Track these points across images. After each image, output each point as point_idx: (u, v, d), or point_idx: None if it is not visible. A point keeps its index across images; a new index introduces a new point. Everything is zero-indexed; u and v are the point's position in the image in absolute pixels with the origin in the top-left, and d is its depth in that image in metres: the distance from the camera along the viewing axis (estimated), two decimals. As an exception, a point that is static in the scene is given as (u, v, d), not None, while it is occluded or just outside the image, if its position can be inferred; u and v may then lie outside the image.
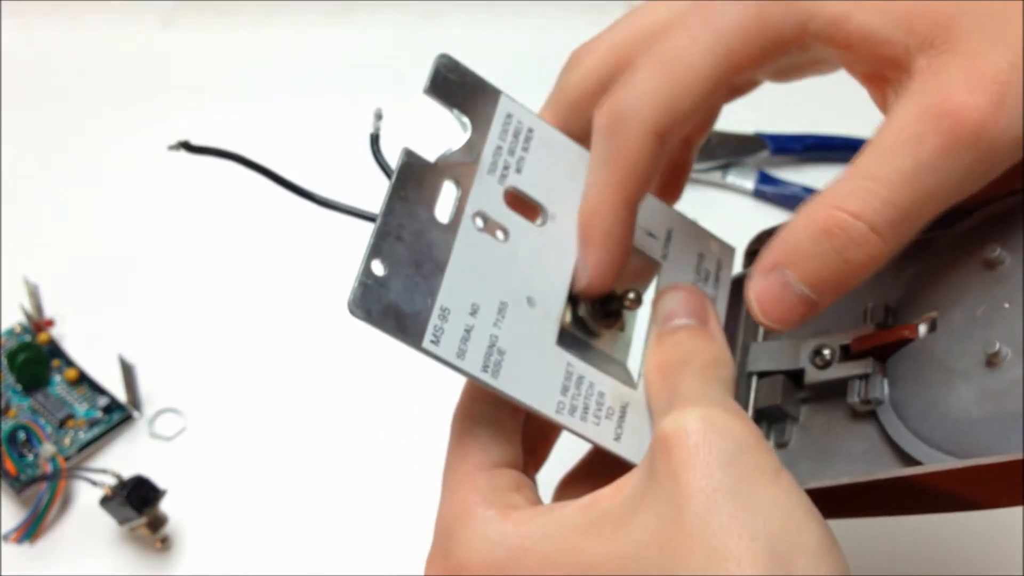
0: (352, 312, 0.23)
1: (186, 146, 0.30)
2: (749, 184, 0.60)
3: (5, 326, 0.51)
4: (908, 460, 0.26)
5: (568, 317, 0.28)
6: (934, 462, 0.25)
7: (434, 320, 0.24)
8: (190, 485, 0.44)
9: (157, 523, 0.42)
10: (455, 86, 0.27)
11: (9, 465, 0.44)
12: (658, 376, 0.27)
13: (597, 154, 0.27)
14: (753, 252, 0.35)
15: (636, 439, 0.27)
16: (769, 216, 0.59)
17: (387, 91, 0.65)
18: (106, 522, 0.43)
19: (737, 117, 0.62)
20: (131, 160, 0.60)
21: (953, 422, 0.26)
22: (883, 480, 0.25)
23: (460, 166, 0.26)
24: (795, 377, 0.30)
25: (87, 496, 0.44)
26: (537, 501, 0.27)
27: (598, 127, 0.27)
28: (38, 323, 0.50)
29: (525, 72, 0.68)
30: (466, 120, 0.27)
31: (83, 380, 0.48)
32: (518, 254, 0.27)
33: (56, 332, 0.51)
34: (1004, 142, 0.23)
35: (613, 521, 0.23)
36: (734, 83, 0.26)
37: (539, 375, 0.26)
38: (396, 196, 0.25)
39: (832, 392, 0.29)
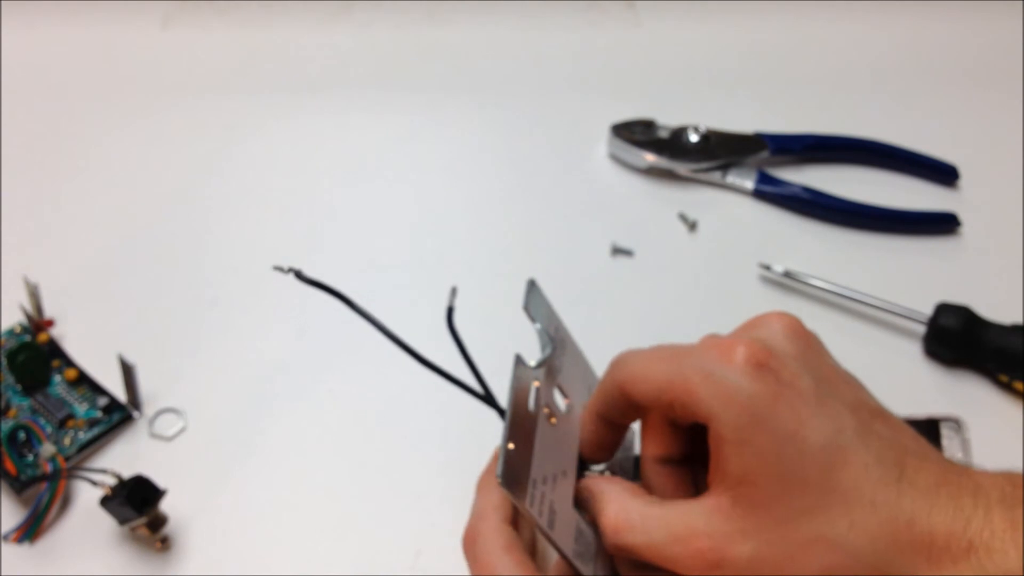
0: (505, 485, 0.30)
1: (297, 275, 0.38)
2: (749, 184, 0.60)
3: (5, 326, 0.51)
4: None
5: None
6: None
7: (530, 489, 0.31)
8: (190, 485, 0.44)
9: (157, 523, 0.42)
10: (535, 307, 0.36)
11: (9, 465, 0.44)
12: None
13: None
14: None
15: None
16: (769, 216, 0.59)
17: (387, 91, 0.66)
18: (106, 522, 0.43)
19: (737, 117, 0.63)
20: (131, 160, 0.60)
21: None
22: None
23: (538, 369, 0.35)
24: None
25: (87, 496, 0.44)
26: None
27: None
28: (38, 323, 0.50)
29: (524, 72, 0.69)
30: (550, 335, 0.36)
31: (83, 380, 0.48)
32: (561, 435, 0.35)
33: (56, 332, 0.51)
34: None
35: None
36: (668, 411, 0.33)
37: (568, 528, 0.33)
38: (514, 391, 0.32)
39: None
